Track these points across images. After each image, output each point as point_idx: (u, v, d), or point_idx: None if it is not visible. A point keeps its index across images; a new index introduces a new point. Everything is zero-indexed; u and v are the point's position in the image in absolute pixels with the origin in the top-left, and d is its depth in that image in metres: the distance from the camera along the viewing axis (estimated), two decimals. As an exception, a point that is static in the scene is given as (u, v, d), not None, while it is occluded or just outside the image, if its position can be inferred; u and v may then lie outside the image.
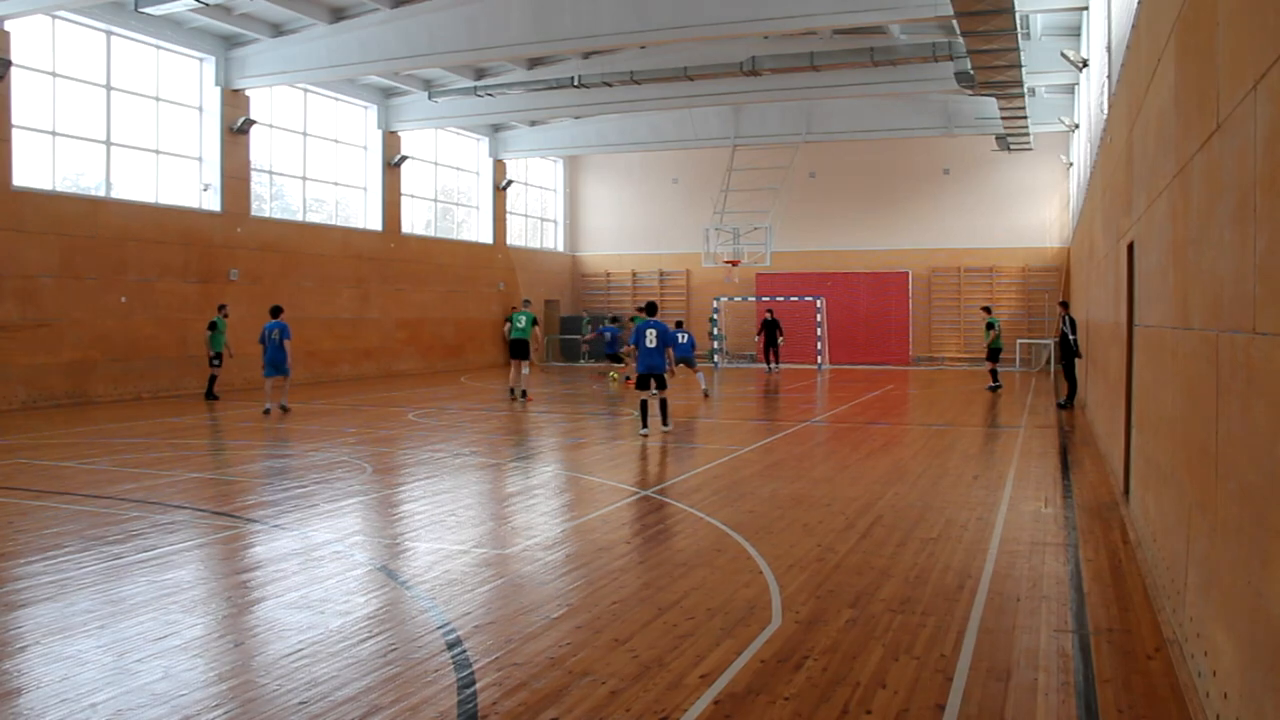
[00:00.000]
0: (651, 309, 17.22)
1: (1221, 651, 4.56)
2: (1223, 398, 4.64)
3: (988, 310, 26.74)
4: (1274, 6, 3.66)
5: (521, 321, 23.35)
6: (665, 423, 16.98)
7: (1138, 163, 9.09)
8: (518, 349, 23.32)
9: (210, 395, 23.06)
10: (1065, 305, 21.99)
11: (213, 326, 22.81)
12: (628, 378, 26.42)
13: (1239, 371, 4.28)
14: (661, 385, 16.76)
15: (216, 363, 22.98)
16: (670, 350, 16.88)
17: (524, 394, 23.00)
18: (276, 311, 20.73)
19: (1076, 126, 27.25)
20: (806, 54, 25.90)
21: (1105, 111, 14.85)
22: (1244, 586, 4.11)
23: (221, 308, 23.47)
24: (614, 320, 30.99)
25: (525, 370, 23.20)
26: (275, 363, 20.07)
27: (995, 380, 25.90)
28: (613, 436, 16.63)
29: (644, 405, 16.64)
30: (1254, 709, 3.90)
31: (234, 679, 5.62)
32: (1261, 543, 3.83)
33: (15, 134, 21.03)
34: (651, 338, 16.59)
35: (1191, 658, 5.35)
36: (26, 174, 21.47)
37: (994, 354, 25.72)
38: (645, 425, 16.57)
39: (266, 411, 19.89)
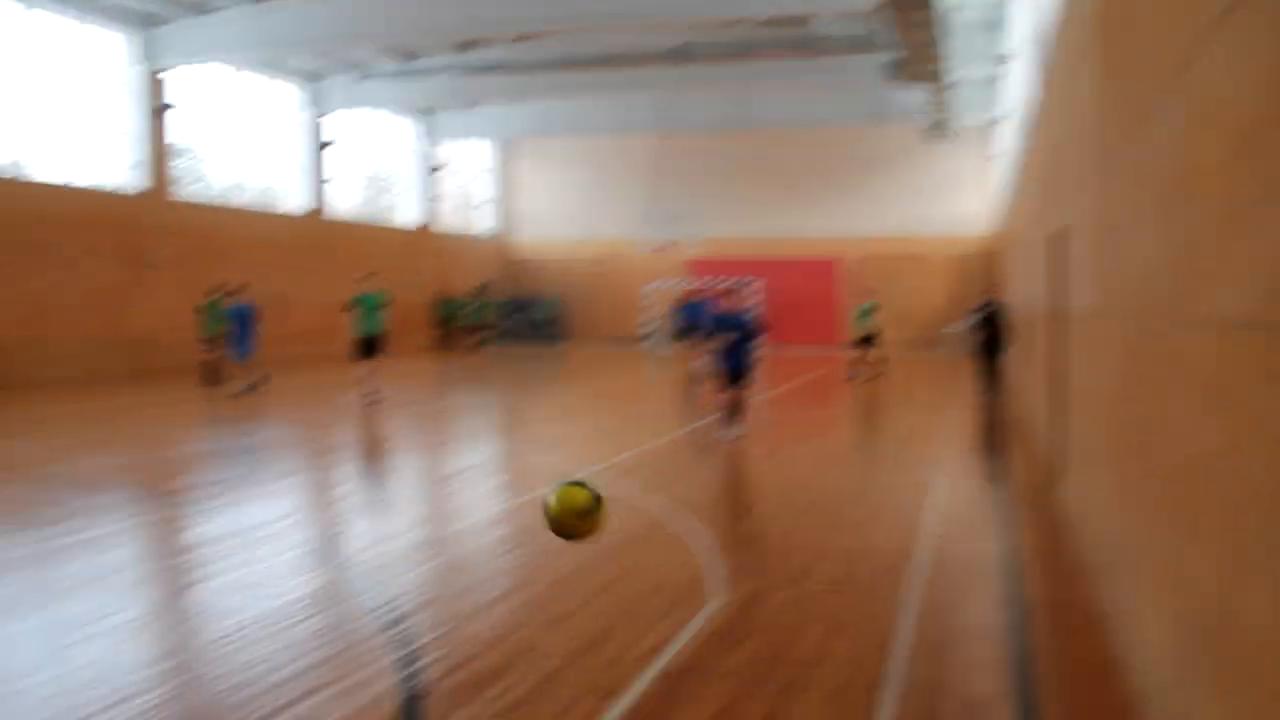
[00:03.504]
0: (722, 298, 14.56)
1: (1150, 625, 4.70)
2: (1148, 383, 4.78)
3: (869, 294, 25.19)
4: (1188, 3, 3.77)
5: (372, 305, 18.81)
6: (732, 425, 13.85)
7: (1065, 153, 9.28)
8: (369, 345, 18.57)
9: (215, 381, 21.61)
10: (991, 293, 22.08)
11: (208, 309, 21.64)
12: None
13: (1162, 358, 4.41)
14: (743, 382, 13.78)
15: (209, 347, 21.74)
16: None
17: (367, 394, 18.48)
18: (234, 293, 21.24)
19: (1003, 117, 27.65)
20: (738, 42, 25.96)
21: (1033, 102, 15.10)
22: (1171, 563, 4.25)
23: (216, 290, 22.09)
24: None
25: (361, 372, 18.62)
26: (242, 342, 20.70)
27: (858, 370, 24.00)
28: (553, 416, 16.62)
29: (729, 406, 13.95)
30: (1179, 677, 4.03)
31: (170, 661, 5.57)
32: (1187, 521, 3.96)
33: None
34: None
35: (1123, 631, 5.51)
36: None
37: (868, 340, 23.84)
38: (730, 429, 13.87)
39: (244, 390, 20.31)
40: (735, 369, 13.50)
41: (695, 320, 29.83)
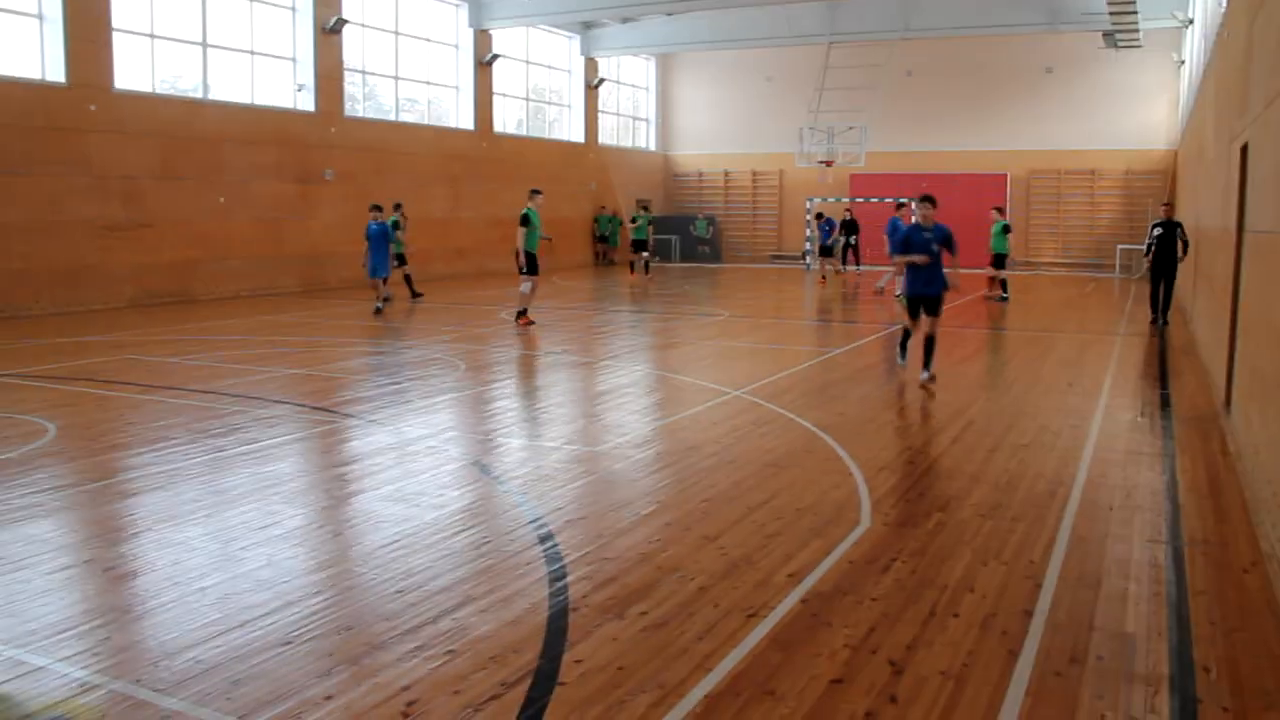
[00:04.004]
0: (929, 200, 12.14)
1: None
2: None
3: (1000, 211, 24.40)
4: None
5: (538, 222, 18.14)
6: (927, 365, 11.81)
7: (1257, 59, 8.72)
8: (533, 263, 17.93)
9: (414, 294, 22.97)
10: (1167, 211, 20.79)
11: (395, 226, 21.80)
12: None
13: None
14: (935, 312, 11.97)
15: (398, 263, 22.30)
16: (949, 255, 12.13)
17: (522, 313, 18.05)
18: (375, 211, 20.68)
19: (1190, 22, 26.14)
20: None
21: (1223, 4, 14.22)
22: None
23: (398, 206, 22.96)
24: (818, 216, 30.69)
25: (525, 288, 17.89)
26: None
27: (1005, 291, 23.46)
28: (709, 335, 16.62)
29: (905, 334, 12.56)
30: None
31: (333, 567, 5.82)
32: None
33: (115, 37, 21.28)
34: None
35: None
36: (127, 76, 21.76)
37: (1002, 260, 23.38)
38: (904, 358, 12.70)
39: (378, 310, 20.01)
40: (928, 295, 11.80)
41: (833, 234, 29.32)
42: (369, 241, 20.28)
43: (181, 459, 8.24)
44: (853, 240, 33.31)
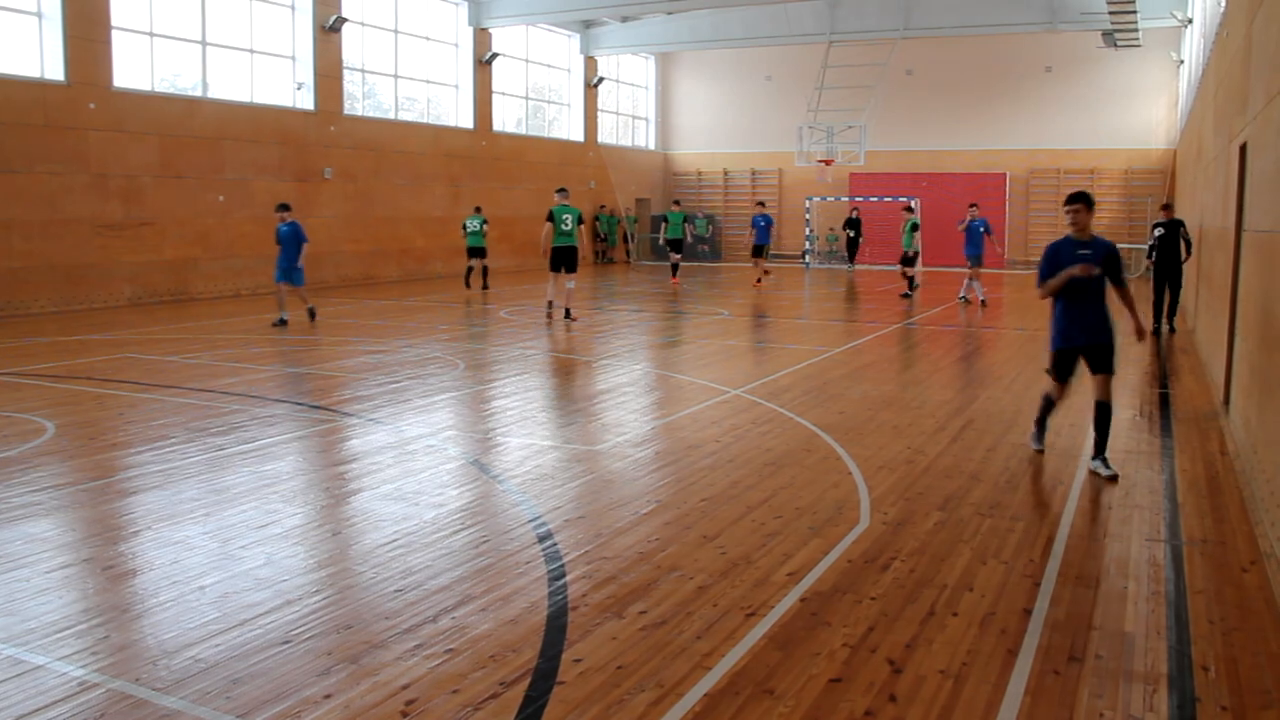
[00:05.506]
0: (1081, 199, 8.61)
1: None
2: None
3: (910, 210, 24.86)
4: None
5: (568, 223, 18.27)
6: (1101, 448, 7.88)
7: (1257, 58, 8.72)
8: (565, 257, 18.42)
9: (484, 286, 25.32)
10: (1168, 211, 20.68)
11: (484, 223, 25.16)
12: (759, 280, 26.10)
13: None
14: (1107, 367, 7.96)
15: (477, 257, 25.36)
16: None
17: (567, 313, 18.46)
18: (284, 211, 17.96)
19: (1190, 21, 26.13)
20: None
21: (1223, 4, 14.22)
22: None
23: (478, 209, 25.59)
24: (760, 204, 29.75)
25: (570, 284, 18.50)
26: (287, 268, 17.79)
27: (911, 288, 24.02)
28: (709, 334, 16.60)
29: (1048, 404, 8.62)
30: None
31: (332, 566, 5.81)
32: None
33: (114, 35, 21.27)
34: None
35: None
36: (126, 75, 21.75)
37: (910, 259, 23.99)
38: (1041, 440, 8.71)
39: (282, 322, 17.69)
40: (1096, 346, 8.04)
41: (769, 233, 28.49)
42: (279, 245, 17.62)
43: (180, 458, 8.24)
44: (859, 239, 33.26)
